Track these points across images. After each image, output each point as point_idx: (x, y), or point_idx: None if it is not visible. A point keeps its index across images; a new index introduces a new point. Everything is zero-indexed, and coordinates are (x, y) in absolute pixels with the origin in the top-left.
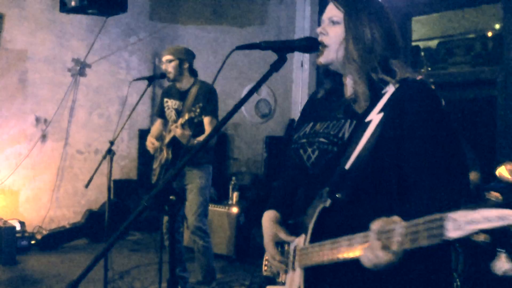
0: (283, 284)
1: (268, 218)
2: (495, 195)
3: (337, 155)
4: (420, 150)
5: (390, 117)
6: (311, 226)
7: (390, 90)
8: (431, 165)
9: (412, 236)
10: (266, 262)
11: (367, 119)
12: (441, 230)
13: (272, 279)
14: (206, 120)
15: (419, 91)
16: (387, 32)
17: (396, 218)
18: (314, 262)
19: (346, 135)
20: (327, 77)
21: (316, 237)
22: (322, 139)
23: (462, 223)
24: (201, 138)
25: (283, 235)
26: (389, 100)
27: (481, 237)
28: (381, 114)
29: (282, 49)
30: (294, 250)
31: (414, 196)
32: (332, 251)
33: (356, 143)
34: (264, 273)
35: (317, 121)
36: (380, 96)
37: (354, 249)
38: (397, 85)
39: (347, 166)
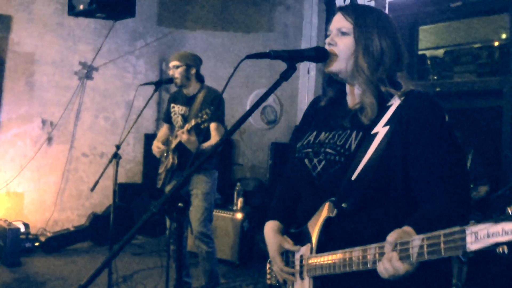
0: None
1: (271, 229)
2: None
3: (344, 166)
4: (426, 162)
5: (396, 130)
6: (316, 235)
7: (395, 102)
8: (437, 176)
9: (431, 248)
10: (269, 271)
11: (374, 131)
12: (461, 242)
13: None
14: (213, 126)
15: (425, 103)
16: (394, 44)
17: (408, 228)
18: (325, 272)
19: (353, 146)
20: (330, 86)
21: (322, 247)
22: (329, 150)
23: (482, 236)
24: (206, 144)
25: (288, 245)
26: (395, 113)
27: (502, 249)
28: (387, 127)
29: (291, 58)
30: (301, 260)
31: (421, 207)
32: (345, 261)
33: (363, 155)
34: (268, 282)
35: (321, 130)
36: (386, 108)
37: (368, 261)
38: (402, 98)
39: (354, 177)
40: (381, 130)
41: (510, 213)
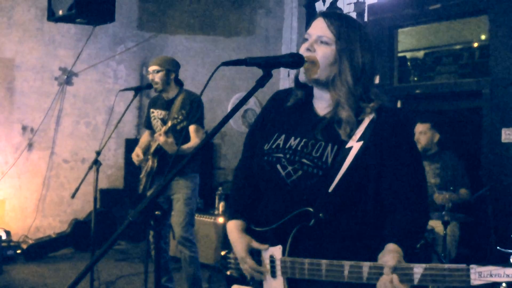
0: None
1: (235, 228)
2: None
3: (322, 178)
4: (397, 176)
5: (369, 145)
6: (290, 239)
7: (367, 118)
8: (405, 189)
9: (434, 277)
10: (229, 263)
11: (348, 145)
12: (466, 278)
13: (237, 279)
14: (192, 128)
15: (396, 121)
16: (373, 59)
17: (393, 247)
18: (299, 276)
19: (329, 159)
20: (298, 88)
21: (294, 251)
22: (305, 161)
23: (485, 275)
24: (185, 146)
25: (256, 244)
26: (367, 128)
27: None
28: (361, 143)
29: (268, 65)
30: (272, 260)
31: (390, 217)
32: (327, 273)
33: (339, 168)
34: (228, 273)
35: (289, 134)
36: (358, 122)
37: (362, 276)
38: (374, 113)
39: (330, 189)
40: (355, 145)
41: None
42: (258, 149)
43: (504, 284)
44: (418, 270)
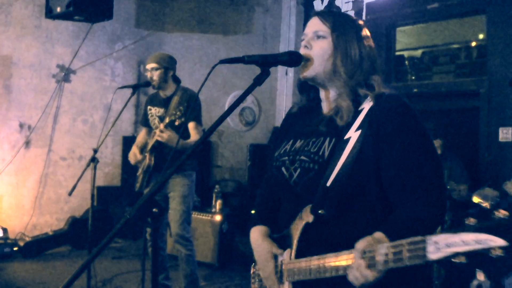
0: None
1: (260, 233)
2: (472, 220)
3: (318, 172)
4: (399, 165)
5: (367, 134)
6: (295, 241)
7: (366, 106)
8: (409, 179)
9: (395, 256)
10: (253, 275)
11: (346, 137)
12: (423, 252)
13: None
14: (191, 125)
15: (395, 105)
16: (371, 51)
17: (379, 235)
18: (302, 277)
19: (326, 153)
20: (302, 93)
21: (301, 252)
22: (303, 157)
23: (442, 245)
24: (189, 140)
25: (276, 250)
26: (366, 117)
27: (459, 259)
28: (359, 132)
29: (265, 63)
30: (281, 265)
31: (396, 210)
32: (319, 268)
33: (336, 161)
34: (252, 286)
35: (296, 138)
36: (358, 112)
37: (340, 267)
38: (373, 101)
39: (328, 184)
40: (353, 135)
41: (467, 224)
42: (271, 159)
43: (463, 259)
44: (382, 250)
